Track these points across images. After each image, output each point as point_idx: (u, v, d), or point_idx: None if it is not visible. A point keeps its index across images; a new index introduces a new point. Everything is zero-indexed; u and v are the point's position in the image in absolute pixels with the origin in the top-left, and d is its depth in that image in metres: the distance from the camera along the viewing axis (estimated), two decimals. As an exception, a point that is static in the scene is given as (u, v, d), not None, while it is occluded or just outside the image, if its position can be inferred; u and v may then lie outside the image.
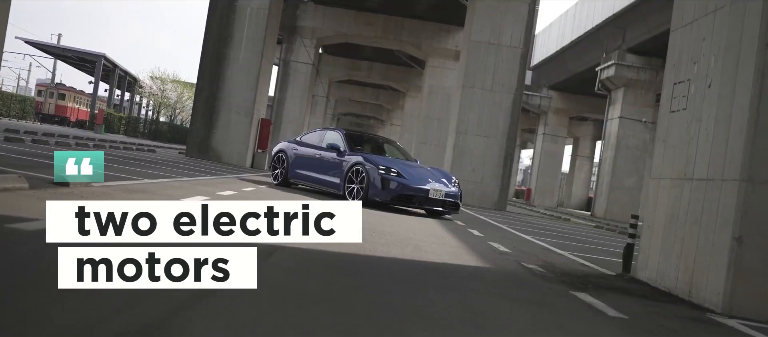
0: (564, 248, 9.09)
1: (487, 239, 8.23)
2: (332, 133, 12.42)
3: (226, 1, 20.60)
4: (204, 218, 2.70)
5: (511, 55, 20.17)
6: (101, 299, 2.54)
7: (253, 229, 2.74)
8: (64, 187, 5.93)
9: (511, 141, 20.08)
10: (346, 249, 5.03)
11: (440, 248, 6.32)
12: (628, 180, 33.66)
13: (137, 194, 6.39)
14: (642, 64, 33.56)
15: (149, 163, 13.24)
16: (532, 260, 6.55)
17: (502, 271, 5.47)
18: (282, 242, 3.52)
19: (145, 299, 2.65)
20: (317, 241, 2.65)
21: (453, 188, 11.16)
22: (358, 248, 5.25)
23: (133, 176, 8.91)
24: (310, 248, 4.78)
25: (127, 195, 6.11)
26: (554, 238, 11.04)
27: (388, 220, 8.55)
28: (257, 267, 3.42)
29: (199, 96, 21.03)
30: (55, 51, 53.50)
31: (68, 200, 2.63)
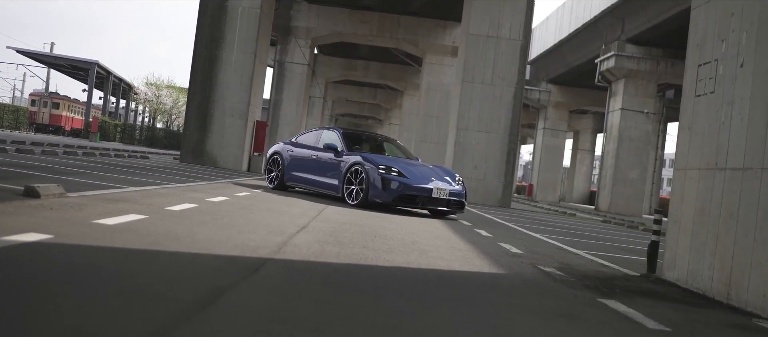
0: (577, 246, 8.55)
1: (497, 240, 7.70)
2: (329, 133, 11.87)
3: (217, 1, 20.05)
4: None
5: (511, 48, 19.64)
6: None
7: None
8: (34, 198, 5.39)
9: (513, 136, 19.54)
10: (345, 258, 4.50)
11: (448, 252, 5.78)
12: (631, 172, 33.13)
13: (116, 204, 5.86)
14: (642, 55, 33.03)
15: (139, 171, 12.69)
16: (548, 262, 6.02)
17: (519, 277, 4.93)
18: (270, 256, 2.99)
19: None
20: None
21: (457, 186, 10.62)
22: (359, 256, 4.71)
23: (118, 185, 8.37)
24: (304, 259, 4.25)
25: (104, 206, 5.57)
26: (564, 235, 10.50)
27: (390, 222, 8.01)
28: (239, 288, 2.88)
29: (191, 100, 20.48)
30: (48, 60, 52.92)
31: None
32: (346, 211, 9.00)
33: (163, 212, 5.74)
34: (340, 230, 6.33)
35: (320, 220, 7.10)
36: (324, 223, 6.82)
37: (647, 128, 33.44)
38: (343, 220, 7.47)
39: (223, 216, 6.12)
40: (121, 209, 5.52)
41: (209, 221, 5.58)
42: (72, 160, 13.41)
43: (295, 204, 9.04)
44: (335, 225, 6.72)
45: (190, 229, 4.91)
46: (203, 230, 4.94)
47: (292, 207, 8.42)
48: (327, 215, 7.95)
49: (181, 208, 6.29)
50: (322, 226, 6.47)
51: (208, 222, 5.52)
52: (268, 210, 7.46)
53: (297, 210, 8.03)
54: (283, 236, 5.23)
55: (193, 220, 5.53)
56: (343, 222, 7.21)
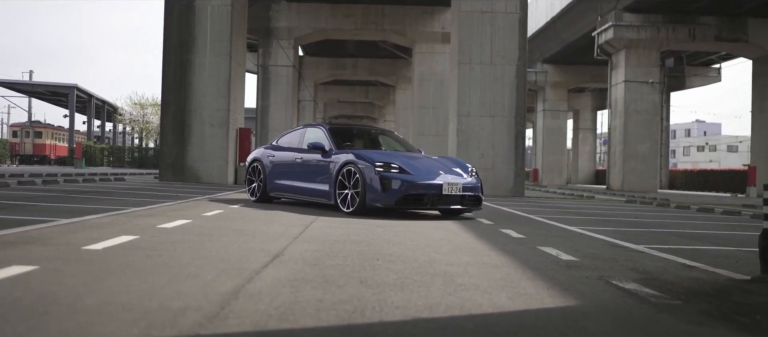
0: (629, 238, 6.84)
1: (534, 242, 5.99)
2: (314, 131, 10.13)
3: (183, 2, 18.30)
4: None
5: (509, 22, 17.93)
6: None
7: None
8: None
9: (519, 118, 17.83)
10: (330, 314, 2.78)
11: (481, 272, 4.07)
12: (641, 146, 31.43)
13: (14, 248, 4.15)
14: (641, 23, 31.30)
15: (102, 195, 10.97)
16: (621, 273, 4.32)
17: (600, 309, 3.22)
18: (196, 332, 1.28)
19: None
20: None
21: (471, 178, 8.90)
22: (354, 304, 3.00)
23: (51, 217, 6.66)
24: (258, 328, 2.52)
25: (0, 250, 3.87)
26: (602, 224, 8.79)
27: (394, 232, 6.31)
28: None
29: (166, 112, 18.72)
30: (25, 88, 51.15)
31: None
32: (339, 222, 7.29)
33: (74, 255, 4.04)
34: (328, 254, 4.61)
35: (303, 240, 5.38)
36: (307, 244, 5.10)
37: (654, 99, 31.74)
38: (333, 237, 5.75)
39: (165, 251, 4.40)
40: (13, 255, 3.82)
41: (137, 263, 3.86)
42: (25, 190, 11.68)
43: (277, 220, 7.32)
44: (322, 247, 5.00)
45: (93, 280, 3.20)
46: (114, 282, 3.23)
47: (272, 225, 6.69)
48: (314, 231, 6.23)
49: (107, 245, 4.57)
50: (304, 250, 4.76)
51: (134, 264, 3.80)
52: (237, 233, 5.74)
53: (276, 229, 6.31)
54: (238, 278, 3.50)
55: (113, 262, 3.82)
56: (333, 240, 5.49)
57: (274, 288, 3.26)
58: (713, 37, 30.61)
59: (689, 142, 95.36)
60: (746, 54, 32.76)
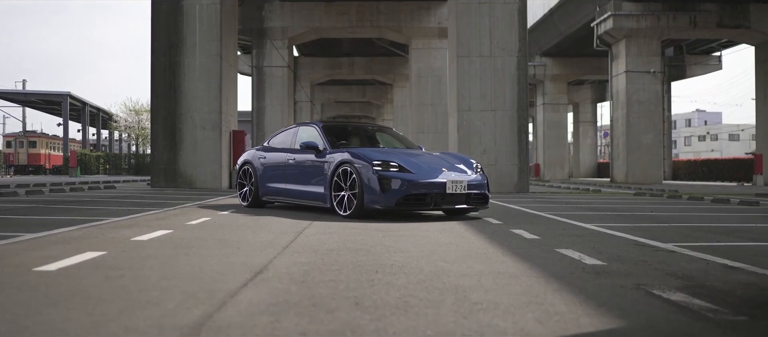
0: (655, 236, 6.24)
1: (549, 243, 5.39)
2: (307, 130, 9.51)
3: (170, 2, 17.68)
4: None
5: (508, 12, 17.31)
6: None
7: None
8: None
9: (522, 112, 17.21)
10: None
11: (499, 287, 3.46)
12: (644, 137, 30.81)
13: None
14: (641, 11, 30.69)
15: (85, 205, 10.36)
16: (656, 278, 3.72)
17: (650, 331, 2.62)
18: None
19: None
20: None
21: (476, 174, 8.30)
22: (350, 334, 2.40)
23: (15, 233, 6.05)
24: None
25: None
26: (619, 220, 8.19)
27: (396, 237, 5.70)
28: None
29: (156, 116, 18.09)
30: (19, 97, 50.49)
31: None
32: (335, 227, 6.68)
33: (19, 278, 3.43)
34: (319, 268, 4.00)
35: (292, 251, 4.77)
36: (297, 256, 4.49)
37: (656, 88, 31.13)
38: (327, 245, 5.14)
39: (129, 270, 3.79)
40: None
41: (90, 287, 3.26)
42: (4, 201, 11.06)
43: (267, 227, 6.71)
44: (313, 258, 4.40)
45: (26, 313, 2.60)
46: (52, 314, 2.62)
47: (260, 233, 6.09)
48: (306, 239, 5.62)
49: (64, 264, 3.97)
50: (292, 264, 4.15)
51: (87, 289, 3.20)
52: (219, 244, 5.14)
53: (264, 237, 5.70)
54: (207, 303, 2.90)
55: (62, 287, 3.22)
56: (327, 249, 4.88)
57: (249, 317, 2.65)
58: (714, 24, 30.01)
59: (690, 132, 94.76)
60: (748, 40, 32.17)
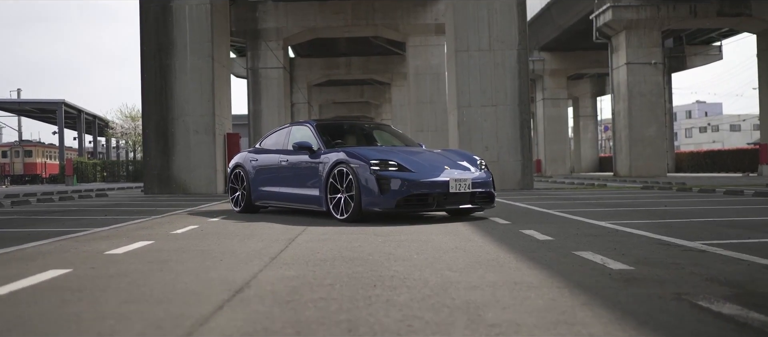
0: (678, 233, 5.75)
1: (564, 245, 4.90)
2: (300, 129, 9.02)
3: (159, 3, 17.19)
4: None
5: (506, 4, 16.83)
6: None
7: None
8: None
9: (524, 106, 16.72)
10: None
11: (518, 302, 2.97)
12: (647, 130, 30.33)
13: None
14: (641, 2, 30.20)
15: (70, 215, 9.87)
16: (696, 285, 3.23)
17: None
18: None
19: None
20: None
21: (480, 172, 7.80)
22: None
23: None
24: None
25: None
26: (633, 216, 7.70)
27: (396, 243, 5.21)
28: None
29: (147, 121, 17.59)
30: (13, 106, 49.99)
31: None
32: (331, 233, 6.19)
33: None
34: (309, 283, 3.51)
35: (281, 262, 4.28)
36: (285, 269, 4.00)
37: (657, 80, 30.65)
38: (321, 254, 4.64)
39: (90, 292, 3.30)
40: None
41: (35, 317, 2.76)
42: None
43: (257, 234, 6.22)
44: (303, 271, 3.90)
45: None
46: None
47: (249, 242, 5.59)
48: (298, 247, 5.12)
49: (18, 286, 3.47)
50: (279, 278, 3.65)
51: (31, 320, 2.71)
52: (201, 256, 4.64)
53: (253, 246, 5.21)
54: (172, 335, 2.40)
55: (5, 317, 2.73)
56: (319, 259, 4.39)
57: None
58: (715, 13, 29.55)
59: (691, 124, 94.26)
60: (750, 28, 31.69)
